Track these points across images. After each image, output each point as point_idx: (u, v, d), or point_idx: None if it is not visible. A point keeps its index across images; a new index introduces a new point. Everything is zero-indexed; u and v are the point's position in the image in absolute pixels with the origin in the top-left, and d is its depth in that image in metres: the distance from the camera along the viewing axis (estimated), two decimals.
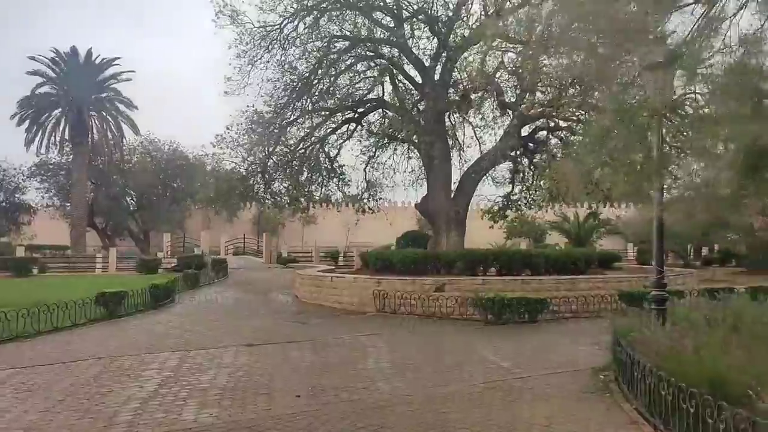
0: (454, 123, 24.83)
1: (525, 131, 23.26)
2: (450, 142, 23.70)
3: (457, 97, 21.44)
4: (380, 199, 27.42)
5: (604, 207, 38.10)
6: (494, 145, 21.61)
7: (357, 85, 24.25)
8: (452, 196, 22.19)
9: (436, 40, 21.64)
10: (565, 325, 14.18)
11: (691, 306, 10.35)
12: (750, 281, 29.99)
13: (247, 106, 23.25)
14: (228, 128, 23.08)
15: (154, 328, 13.76)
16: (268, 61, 22.56)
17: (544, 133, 23.96)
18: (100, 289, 15.42)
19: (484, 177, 24.84)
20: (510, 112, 21.72)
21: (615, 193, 24.22)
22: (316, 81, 22.75)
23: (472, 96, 19.89)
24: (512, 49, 20.54)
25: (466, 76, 20.91)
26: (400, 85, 23.58)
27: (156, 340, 12.01)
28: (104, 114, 43.62)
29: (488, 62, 19.58)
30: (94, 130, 43.30)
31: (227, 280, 25.50)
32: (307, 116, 23.54)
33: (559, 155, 25.14)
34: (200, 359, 10.06)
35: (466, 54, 20.63)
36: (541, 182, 27.54)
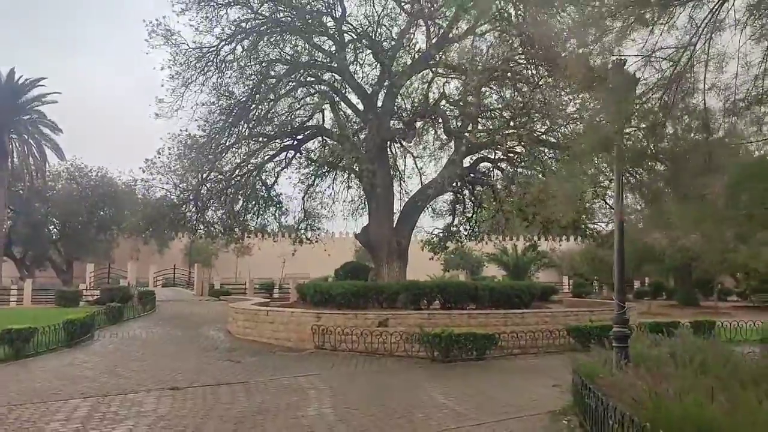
0: (395, 153, 24.40)
1: (467, 162, 22.94)
2: (392, 172, 23.18)
3: (400, 125, 20.95)
4: (318, 229, 26.57)
5: (545, 240, 38.44)
6: (438, 173, 21.10)
7: (296, 112, 23.53)
8: (394, 226, 21.55)
9: (379, 66, 21.16)
10: (515, 362, 13.56)
11: (651, 342, 9.91)
12: (685, 314, 30.46)
13: (180, 130, 22.17)
14: (159, 153, 21.88)
15: (67, 369, 12.30)
16: (203, 84, 21.62)
17: (487, 164, 23.70)
18: (7, 325, 13.85)
19: (424, 208, 24.42)
20: (454, 141, 21.35)
21: (564, 222, 24.18)
22: (253, 106, 21.88)
23: (417, 124, 19.38)
24: (456, 77, 20.39)
25: (410, 103, 20.47)
26: (342, 112, 22.99)
27: (66, 384, 10.64)
28: (26, 137, 41.16)
29: (432, 90, 19.22)
30: (15, 154, 40.85)
31: (155, 314, 23.86)
32: (243, 142, 22.56)
33: (500, 187, 25.09)
34: (116, 407, 8.85)
35: (409, 82, 20.18)
36: (483, 213, 27.43)
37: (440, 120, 19.94)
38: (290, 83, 21.93)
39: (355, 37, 21.07)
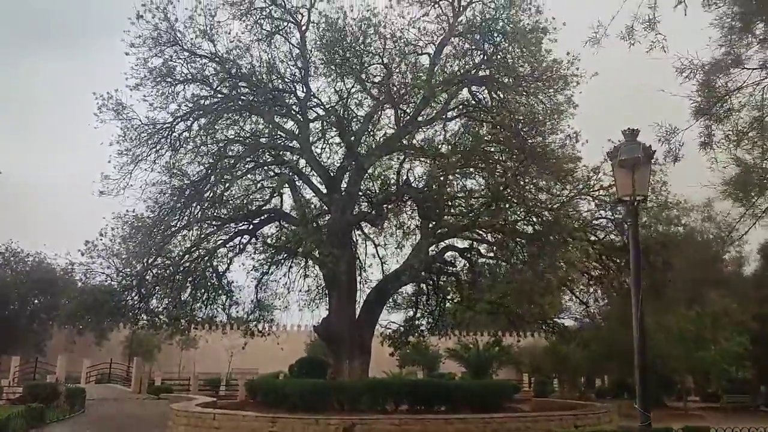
0: (356, 241, 23.16)
1: (432, 251, 21.76)
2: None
3: (368, 208, 19.77)
4: (271, 320, 24.60)
5: (510, 335, 37.08)
6: (405, 260, 19.80)
7: (254, 195, 22.18)
8: (356, 318, 19.93)
9: (344, 148, 20.20)
10: None
11: None
12: (657, 417, 29.10)
13: (126, 210, 20.40)
14: (102, 234, 19.97)
15: None
16: (154, 162, 20.19)
17: (453, 254, 22.60)
18: None
19: (389, 299, 22.99)
20: (420, 229, 20.23)
21: (531, 317, 22.87)
22: (208, 187, 20.43)
23: (386, 207, 18.22)
24: (426, 161, 19.55)
25: (378, 186, 19.39)
26: (302, 195, 21.79)
27: None
28: None
29: (403, 173, 18.29)
30: None
31: (83, 416, 21.15)
32: (195, 226, 20.90)
33: (465, 278, 23.95)
34: None
35: (378, 163, 19.20)
36: (447, 305, 26.10)
37: (412, 202, 18.82)
38: (248, 163, 20.69)
39: (321, 114, 20.18)
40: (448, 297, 25.35)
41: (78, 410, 21.58)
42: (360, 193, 20.06)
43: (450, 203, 19.71)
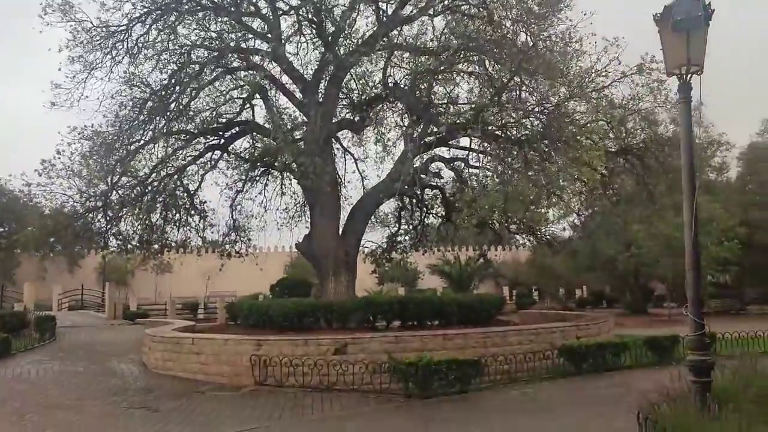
0: (335, 155, 21.75)
1: (416, 163, 20.43)
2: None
3: (350, 114, 18.22)
4: (248, 240, 23.33)
5: (494, 248, 36.53)
6: (390, 171, 18.49)
7: (223, 107, 20.43)
8: (340, 234, 18.77)
9: (320, 50, 18.37)
10: (508, 394, 10.97)
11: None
12: (640, 323, 29.05)
13: (84, 125, 18.55)
14: (59, 153, 18.24)
15: None
16: (111, 70, 18.22)
17: (439, 165, 21.34)
18: None
19: (374, 213, 21.85)
20: (404, 138, 18.80)
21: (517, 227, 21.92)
22: (172, 98, 18.64)
23: (370, 110, 16.66)
24: (410, 62, 17.91)
25: (360, 87, 17.76)
26: (276, 106, 20.10)
27: None
28: None
29: (389, 72, 16.66)
30: None
31: (54, 344, 19.98)
32: (161, 140, 19.21)
33: (450, 190, 22.87)
34: None
35: (360, 63, 17.52)
36: (431, 220, 25.12)
37: (398, 105, 17.27)
38: (215, 70, 18.83)
39: (294, 5, 18.19)
40: (433, 212, 24.36)
41: (49, 338, 20.38)
42: (341, 98, 18.46)
43: (438, 107, 18.25)
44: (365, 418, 9.22)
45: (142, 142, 18.78)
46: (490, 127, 16.99)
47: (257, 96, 19.63)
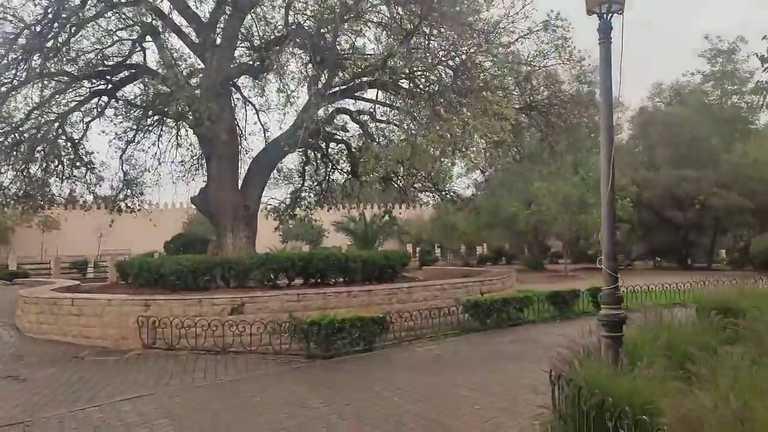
0: (235, 105, 20.55)
1: (321, 114, 19.55)
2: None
3: (251, 57, 17.04)
4: (141, 194, 21.81)
5: (399, 206, 36.29)
6: (293, 123, 17.54)
7: (110, 49, 18.68)
8: (239, 188, 17.76)
9: None
10: (414, 352, 10.63)
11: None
12: (540, 279, 29.89)
13: None
14: None
15: None
16: None
17: (344, 117, 20.62)
18: None
19: (276, 166, 20.93)
20: (309, 86, 17.82)
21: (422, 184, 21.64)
22: (49, 35, 16.77)
23: (272, 53, 15.49)
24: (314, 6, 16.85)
25: (261, 28, 16.59)
26: (170, 47, 18.59)
27: None
28: None
29: (292, 12, 15.58)
30: None
31: None
32: (36, 82, 17.33)
33: (356, 145, 22.25)
34: None
35: (261, 3, 16.32)
36: (336, 176, 24.48)
37: (302, 49, 16.20)
38: (99, 4, 17.05)
39: None
40: (338, 167, 23.68)
41: None
42: (240, 40, 17.25)
43: (344, 55, 17.38)
44: (260, 382, 8.55)
45: (14, 83, 16.86)
46: (397, 76, 16.34)
47: (148, 38, 18.09)
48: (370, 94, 18.81)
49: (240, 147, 21.20)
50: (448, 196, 23.83)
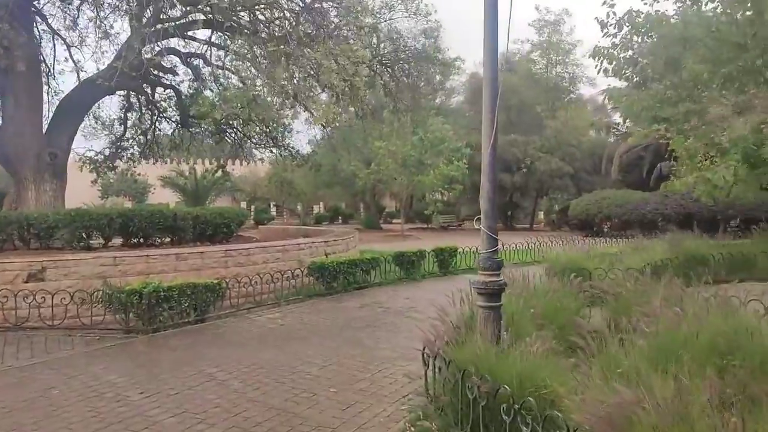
0: (39, 37, 17.55)
1: (147, 53, 17.19)
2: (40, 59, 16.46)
3: None
4: None
5: (233, 162, 34.16)
6: (111, 62, 15.20)
7: None
8: (45, 132, 15.16)
9: None
10: (254, 322, 9.37)
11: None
12: (376, 238, 29.71)
13: None
14: None
15: None
16: None
17: (174, 59, 18.43)
18: None
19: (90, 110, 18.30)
20: (131, 22, 15.46)
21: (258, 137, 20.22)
22: None
23: None
24: None
25: None
26: None
27: None
28: None
29: None
30: None
31: None
32: None
33: (187, 90, 20.23)
34: None
35: None
36: (164, 124, 22.15)
37: None
38: None
39: None
40: (165, 115, 21.38)
41: None
42: None
43: None
44: (63, 368, 6.87)
45: None
46: (231, 12, 14.60)
47: None
48: (205, 34, 16.93)
49: (48, 87, 18.35)
50: (286, 152, 22.50)
